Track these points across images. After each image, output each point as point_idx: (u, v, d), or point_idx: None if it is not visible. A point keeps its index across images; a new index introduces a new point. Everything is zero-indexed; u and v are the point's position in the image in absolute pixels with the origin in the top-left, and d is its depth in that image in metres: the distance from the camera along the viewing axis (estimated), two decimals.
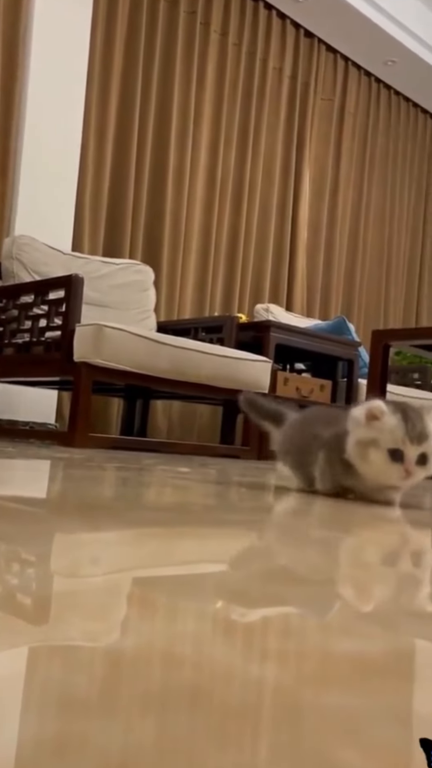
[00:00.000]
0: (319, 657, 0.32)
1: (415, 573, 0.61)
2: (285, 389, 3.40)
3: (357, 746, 0.21)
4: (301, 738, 0.22)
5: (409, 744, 0.22)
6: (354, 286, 4.94)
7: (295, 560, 0.61)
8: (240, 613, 0.39)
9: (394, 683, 0.28)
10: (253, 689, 0.26)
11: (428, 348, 2.94)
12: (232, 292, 4.21)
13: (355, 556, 0.70)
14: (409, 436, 1.10)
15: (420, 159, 5.43)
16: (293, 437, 1.35)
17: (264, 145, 4.35)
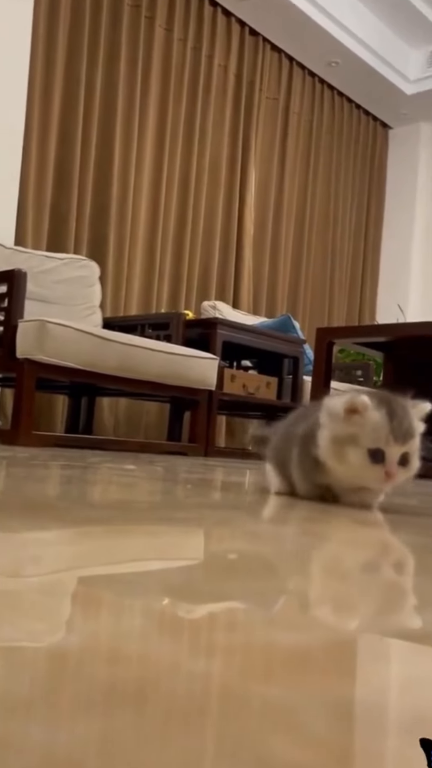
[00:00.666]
0: (262, 651, 0.32)
1: (360, 567, 0.62)
2: (232, 386, 3.42)
3: (295, 738, 0.22)
4: (240, 732, 0.22)
5: (346, 735, 0.23)
6: (299, 284, 5.00)
7: (241, 555, 0.61)
8: (184, 610, 0.39)
9: (334, 676, 0.29)
10: (195, 685, 0.26)
11: (370, 345, 3.01)
12: (179, 288, 4.20)
13: (300, 549, 0.71)
14: (394, 435, 0.97)
15: (363, 160, 5.54)
16: (276, 437, 1.24)
17: (210, 142, 4.36)
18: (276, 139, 4.83)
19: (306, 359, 3.84)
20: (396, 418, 0.98)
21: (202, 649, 0.31)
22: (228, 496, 1.27)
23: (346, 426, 1.00)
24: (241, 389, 3.47)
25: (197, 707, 0.24)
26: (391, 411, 0.98)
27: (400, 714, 0.25)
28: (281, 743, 0.21)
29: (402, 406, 1.01)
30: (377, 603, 0.45)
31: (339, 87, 5.20)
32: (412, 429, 0.99)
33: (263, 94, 4.71)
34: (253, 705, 0.25)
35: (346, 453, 0.99)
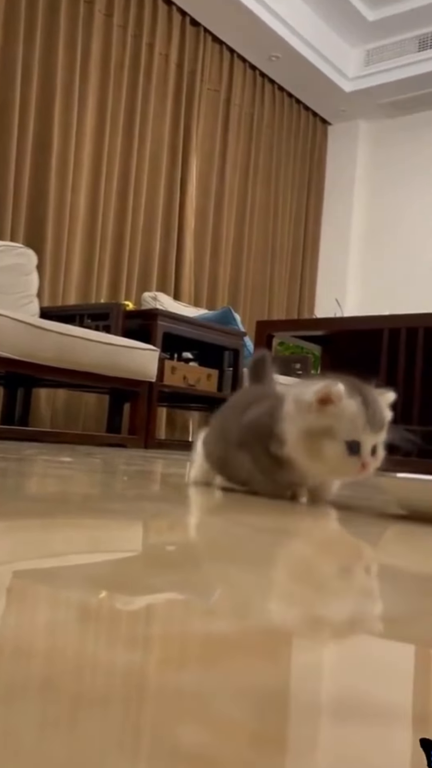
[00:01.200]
0: (185, 641, 0.32)
1: (288, 554, 0.63)
2: (172, 378, 3.41)
3: (204, 724, 0.22)
4: (151, 721, 0.22)
5: (253, 718, 0.23)
6: (240, 276, 5.03)
7: (179, 547, 0.61)
8: (116, 602, 0.39)
9: (254, 663, 0.29)
10: (111, 676, 0.26)
11: (309, 339, 3.06)
12: (119, 279, 4.15)
13: (237, 540, 0.72)
14: (370, 424, 0.91)
15: (302, 155, 5.60)
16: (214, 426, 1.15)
17: (151, 131, 4.32)
18: (217, 131, 4.83)
19: (246, 352, 3.86)
20: (371, 407, 0.92)
21: (124, 641, 0.31)
22: (167, 488, 1.27)
23: (318, 418, 0.92)
24: (182, 381, 3.47)
25: (109, 698, 0.24)
26: (365, 399, 0.92)
27: (316, 699, 0.26)
28: (191, 731, 0.21)
29: (372, 391, 0.95)
30: (310, 592, 0.46)
31: (279, 81, 5.24)
32: (385, 419, 0.94)
33: (204, 85, 4.70)
34: (166, 694, 0.25)
35: (321, 447, 0.92)
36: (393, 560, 0.66)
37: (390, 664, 0.32)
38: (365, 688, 0.28)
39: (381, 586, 0.51)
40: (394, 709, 0.25)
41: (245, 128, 5.05)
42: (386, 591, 0.50)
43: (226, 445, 1.08)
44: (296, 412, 0.94)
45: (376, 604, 0.44)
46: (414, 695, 0.28)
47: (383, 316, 2.70)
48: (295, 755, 0.21)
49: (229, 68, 4.89)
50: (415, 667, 0.32)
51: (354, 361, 2.97)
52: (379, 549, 0.73)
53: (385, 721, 0.24)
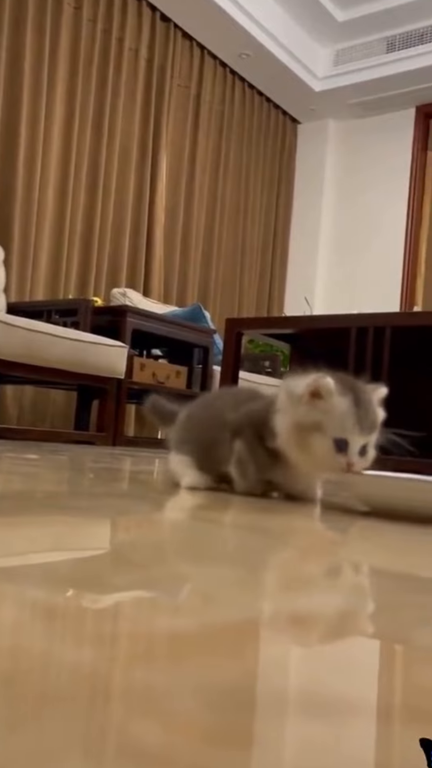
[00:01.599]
0: (146, 639, 0.32)
1: (254, 550, 0.63)
2: (141, 375, 3.40)
3: (162, 721, 0.22)
4: (108, 718, 0.22)
5: (211, 715, 0.23)
6: (210, 274, 5.02)
7: (145, 545, 0.61)
8: (82, 600, 0.39)
9: (214, 660, 0.30)
10: (71, 674, 0.26)
11: (278, 337, 3.08)
12: (88, 274, 4.12)
13: (203, 537, 0.72)
14: (360, 426, 0.92)
15: (272, 153, 5.62)
16: (193, 424, 1.13)
17: (120, 127, 4.29)
18: (187, 128, 4.81)
19: (216, 349, 3.87)
20: (362, 407, 0.93)
21: (87, 639, 0.31)
22: (134, 486, 1.26)
23: (309, 411, 0.93)
24: (151, 378, 3.46)
25: (69, 695, 0.24)
26: (356, 399, 0.93)
27: (277, 695, 0.26)
28: (147, 728, 0.21)
29: (366, 392, 0.96)
30: (275, 588, 0.46)
31: (250, 79, 5.25)
32: (376, 420, 0.95)
33: (174, 81, 4.68)
34: (126, 691, 0.25)
35: (310, 441, 0.93)
36: (357, 557, 0.67)
37: (354, 659, 0.33)
38: (328, 683, 0.28)
39: (345, 583, 0.52)
40: (358, 704, 0.26)
41: (215, 125, 5.05)
42: (350, 587, 0.50)
43: (214, 436, 1.06)
44: (288, 404, 0.96)
45: (341, 601, 0.45)
46: (378, 690, 0.29)
47: (351, 315, 2.73)
48: (251, 751, 0.21)
49: (200, 65, 4.88)
50: (379, 661, 0.33)
51: (322, 358, 2.99)
52: (344, 546, 0.74)
53: (348, 716, 0.24)
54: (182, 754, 0.20)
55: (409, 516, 0.86)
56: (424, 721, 0.24)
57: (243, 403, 1.07)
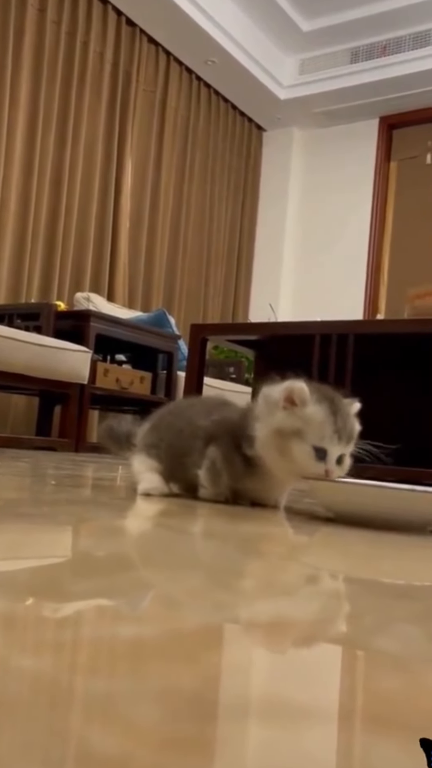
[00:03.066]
0: (102, 646, 0.31)
1: (214, 557, 0.63)
2: (105, 380, 3.37)
3: (118, 728, 0.22)
4: (59, 726, 0.22)
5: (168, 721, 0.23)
6: (175, 279, 5.02)
7: (108, 553, 0.60)
8: (41, 608, 0.38)
9: (168, 666, 0.29)
10: (22, 681, 0.25)
11: (243, 343, 3.08)
12: (51, 278, 4.07)
13: (160, 543, 0.71)
14: (338, 435, 0.93)
15: (238, 160, 5.65)
16: (163, 430, 1.11)
17: (85, 131, 4.26)
18: (153, 133, 4.81)
19: (181, 355, 3.86)
20: (340, 417, 0.94)
21: (46, 647, 0.30)
22: (97, 492, 1.25)
23: (287, 418, 0.94)
24: (115, 384, 3.43)
25: (25, 703, 0.23)
26: (334, 408, 0.94)
27: (234, 701, 0.26)
28: (99, 735, 0.21)
29: (341, 401, 0.97)
30: (235, 594, 0.46)
31: (216, 86, 5.27)
32: (353, 431, 0.96)
33: (140, 86, 4.67)
34: (83, 699, 0.24)
35: (290, 447, 0.93)
36: (320, 563, 0.67)
37: (315, 664, 0.33)
38: (289, 688, 0.28)
39: (308, 589, 0.52)
40: (318, 709, 0.25)
41: (181, 131, 5.06)
42: (313, 593, 0.50)
43: (185, 444, 1.05)
44: (266, 410, 0.96)
45: (303, 607, 0.45)
46: (339, 695, 0.28)
47: (315, 322, 2.75)
48: (210, 757, 0.21)
49: (165, 70, 4.88)
50: (340, 667, 0.33)
51: (286, 365, 3.01)
52: (307, 552, 0.74)
53: (309, 722, 0.24)
54: (142, 761, 0.19)
55: (372, 522, 0.87)
56: (384, 726, 0.24)
57: (215, 410, 1.07)
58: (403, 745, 0.22)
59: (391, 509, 0.86)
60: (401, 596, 0.50)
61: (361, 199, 5.45)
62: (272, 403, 0.96)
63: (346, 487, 0.91)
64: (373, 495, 0.88)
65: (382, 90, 5.11)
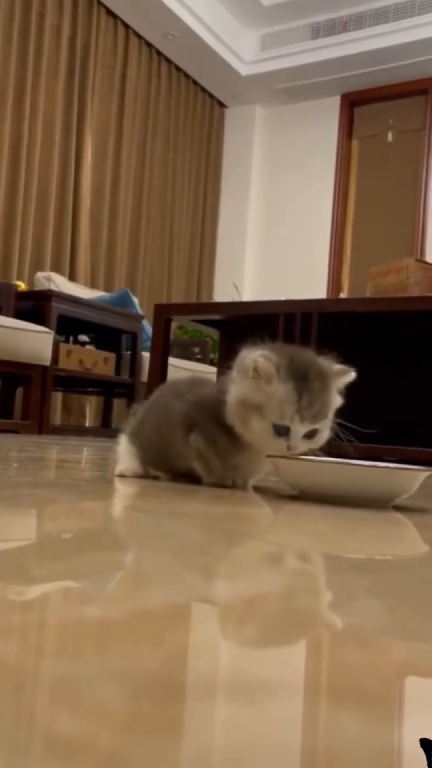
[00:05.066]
0: (65, 628, 0.31)
1: (178, 537, 0.63)
2: (68, 362, 3.33)
3: (79, 711, 0.21)
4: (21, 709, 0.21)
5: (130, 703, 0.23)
6: (138, 258, 4.97)
7: (75, 534, 0.60)
8: (8, 591, 0.37)
9: (131, 647, 0.29)
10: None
11: (207, 323, 3.08)
12: (11, 258, 3.99)
13: (126, 524, 0.71)
14: (300, 414, 0.88)
15: (199, 136, 5.59)
16: (147, 417, 1.07)
17: (42, 106, 4.15)
18: (112, 109, 4.72)
19: (145, 335, 3.83)
20: (306, 395, 0.88)
21: (10, 630, 0.30)
22: (61, 474, 1.24)
23: (253, 390, 0.90)
24: (78, 365, 3.39)
25: None
26: (301, 385, 0.88)
27: (198, 680, 0.26)
28: (66, 718, 0.21)
29: (318, 376, 0.90)
30: (200, 573, 0.46)
31: (176, 61, 5.19)
32: (323, 410, 0.90)
33: (99, 60, 4.57)
34: (43, 682, 0.24)
35: (250, 419, 0.90)
36: (284, 540, 0.68)
37: (279, 641, 0.33)
38: (253, 666, 0.28)
39: (272, 567, 0.53)
40: (283, 685, 0.26)
41: (141, 107, 4.97)
42: (277, 571, 0.51)
43: (168, 431, 1.01)
44: (239, 376, 0.93)
45: (268, 584, 0.45)
46: (304, 670, 0.29)
47: (279, 301, 2.76)
48: (176, 737, 0.21)
49: (124, 44, 4.78)
50: (305, 642, 0.33)
51: (252, 345, 3.01)
52: (270, 531, 0.75)
53: (274, 697, 0.24)
54: (106, 743, 0.19)
55: (335, 500, 0.88)
56: (349, 699, 0.24)
57: (187, 392, 1.02)
58: (366, 715, 0.23)
59: (353, 486, 0.87)
60: (363, 571, 0.51)
61: (323, 178, 5.46)
62: (243, 369, 0.92)
63: (308, 465, 0.91)
64: (335, 472, 0.89)
65: (344, 67, 5.10)
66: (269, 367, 0.89)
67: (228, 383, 0.95)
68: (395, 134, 5.27)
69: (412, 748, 0.20)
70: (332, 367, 0.94)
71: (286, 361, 0.90)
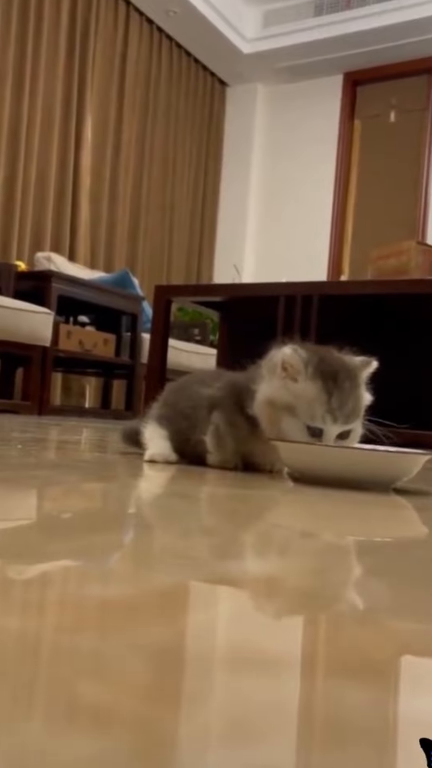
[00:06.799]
0: (84, 605, 0.32)
1: (182, 517, 0.64)
2: (68, 343, 3.33)
3: (102, 680, 0.23)
4: (50, 680, 0.23)
5: (148, 673, 0.24)
6: (138, 239, 4.94)
7: (75, 514, 0.61)
8: (13, 571, 0.38)
9: (151, 623, 0.30)
10: (9, 640, 0.26)
11: (208, 305, 3.07)
12: (10, 238, 3.97)
13: (127, 504, 0.72)
14: (332, 415, 0.86)
15: (201, 114, 5.53)
16: (174, 401, 1.06)
17: (42, 83, 4.10)
18: (113, 87, 4.66)
19: (145, 316, 3.83)
20: (337, 395, 0.85)
21: (23, 607, 0.31)
22: (62, 455, 1.25)
23: (281, 390, 0.87)
24: (78, 346, 3.39)
25: (8, 660, 0.24)
26: (331, 384, 0.85)
27: (210, 653, 0.27)
28: (89, 687, 0.22)
29: (348, 375, 0.87)
30: (205, 552, 0.47)
31: (177, 38, 5.12)
32: (356, 409, 0.88)
33: (99, 37, 4.51)
34: (64, 654, 0.25)
35: (281, 420, 0.87)
36: (286, 521, 0.69)
37: (280, 618, 0.34)
38: (257, 641, 0.29)
39: (276, 548, 0.53)
40: (285, 659, 0.27)
41: (142, 85, 4.91)
42: (276, 552, 0.52)
43: (194, 415, 0.99)
44: (268, 373, 0.90)
45: (268, 564, 0.46)
46: (304, 645, 0.30)
47: (279, 283, 2.75)
48: (188, 705, 0.22)
49: (125, 21, 4.71)
50: (306, 619, 0.34)
51: (250, 326, 3.01)
52: (272, 512, 0.76)
53: (276, 670, 0.25)
54: (123, 708, 0.20)
55: (335, 482, 0.88)
56: (348, 675, 0.25)
57: (219, 379, 1.01)
58: (366, 689, 0.24)
59: (354, 470, 0.87)
60: (364, 552, 0.52)
61: (325, 159, 5.41)
62: (272, 367, 0.89)
63: (310, 449, 0.90)
64: (336, 456, 0.89)
65: (346, 45, 5.03)
66: (297, 360, 0.86)
67: (257, 375, 0.92)
68: (398, 114, 5.22)
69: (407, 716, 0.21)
70: (356, 363, 0.92)
71: (315, 359, 0.87)
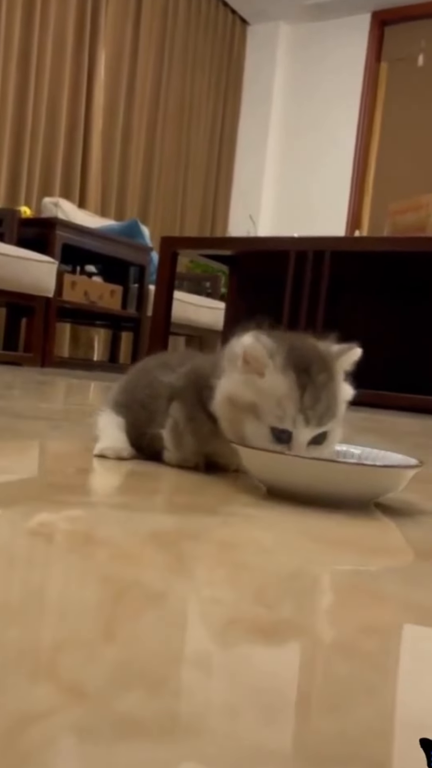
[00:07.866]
0: None
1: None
2: (72, 293, 3.24)
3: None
4: None
5: None
6: (152, 186, 4.78)
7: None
8: None
9: None
10: None
11: (217, 258, 2.95)
12: (18, 181, 3.84)
13: None
14: (304, 415, 0.68)
15: (219, 56, 5.27)
16: (133, 386, 0.89)
17: (53, 18, 3.90)
18: (128, 23, 4.43)
19: (153, 268, 3.72)
20: (311, 393, 0.68)
21: None
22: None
23: (242, 386, 0.70)
24: (83, 297, 3.31)
25: None
26: (304, 378, 0.69)
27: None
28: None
29: (323, 367, 0.70)
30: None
31: None
32: (332, 408, 0.70)
33: None
34: None
35: (242, 422, 0.71)
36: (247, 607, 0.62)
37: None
38: None
39: None
40: None
41: (158, 21, 4.67)
42: None
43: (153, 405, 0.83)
44: (228, 366, 0.73)
45: None
46: None
47: (290, 238, 2.63)
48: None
49: None
50: None
51: (260, 281, 2.90)
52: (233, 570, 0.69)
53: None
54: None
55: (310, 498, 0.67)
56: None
57: (178, 365, 0.84)
58: None
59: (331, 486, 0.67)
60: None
61: (348, 104, 5.16)
62: (233, 357, 0.72)
63: (278, 459, 0.68)
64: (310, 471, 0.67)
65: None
66: (260, 351, 0.69)
67: (218, 367, 0.76)
68: (426, 58, 4.93)
69: None
70: (332, 351, 0.74)
71: (284, 348, 0.70)
